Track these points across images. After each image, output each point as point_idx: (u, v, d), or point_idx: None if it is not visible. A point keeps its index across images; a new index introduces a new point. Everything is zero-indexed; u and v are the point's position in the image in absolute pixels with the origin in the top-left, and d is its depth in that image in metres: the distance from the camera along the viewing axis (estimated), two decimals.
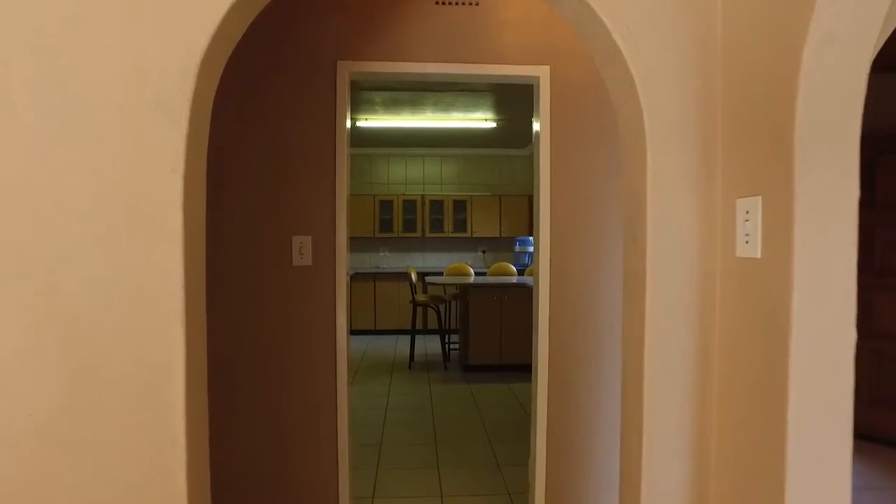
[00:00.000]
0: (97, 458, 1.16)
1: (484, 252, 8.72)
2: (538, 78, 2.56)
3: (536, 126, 2.64)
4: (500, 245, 8.68)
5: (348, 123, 2.53)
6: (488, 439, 3.94)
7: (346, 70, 2.46)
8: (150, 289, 1.17)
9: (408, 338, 7.75)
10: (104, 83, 1.15)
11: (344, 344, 2.49)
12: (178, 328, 1.17)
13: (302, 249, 2.45)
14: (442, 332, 6.32)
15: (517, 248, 8.06)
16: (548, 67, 2.55)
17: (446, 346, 6.37)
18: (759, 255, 1.16)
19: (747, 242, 1.20)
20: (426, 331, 7.87)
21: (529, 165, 8.64)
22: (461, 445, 3.82)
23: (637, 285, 1.36)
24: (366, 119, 6.40)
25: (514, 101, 5.65)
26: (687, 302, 1.32)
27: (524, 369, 5.83)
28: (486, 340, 5.83)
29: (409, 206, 8.32)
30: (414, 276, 6.35)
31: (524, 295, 5.84)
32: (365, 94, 5.40)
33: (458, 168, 8.69)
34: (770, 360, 1.11)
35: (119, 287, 1.16)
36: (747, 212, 1.20)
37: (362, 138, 7.70)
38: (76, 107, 1.14)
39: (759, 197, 1.16)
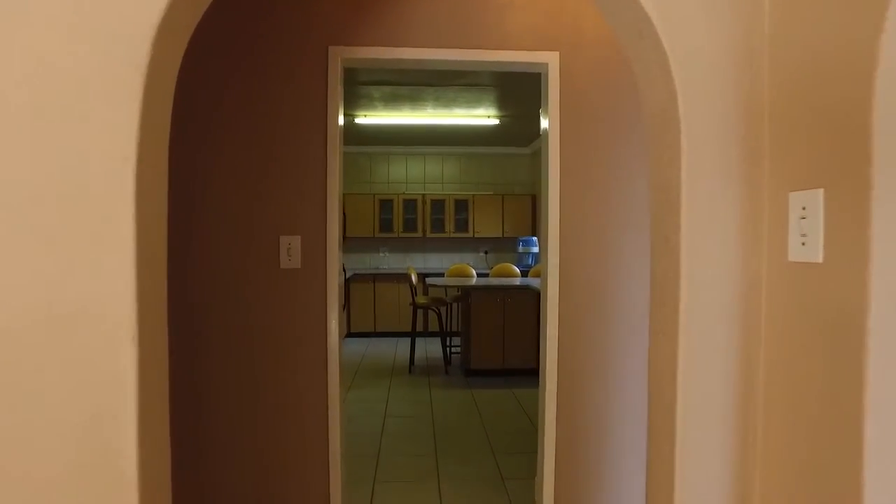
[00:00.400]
0: (32, 499, 0.97)
1: (486, 253, 8.53)
2: (546, 65, 2.37)
3: (544, 120, 2.45)
4: (503, 245, 8.49)
5: (341, 114, 2.35)
6: (491, 450, 3.76)
7: (339, 56, 2.28)
8: (96, 301, 0.98)
9: (408, 340, 7.57)
10: (37, 51, 0.96)
11: (336, 352, 2.31)
12: (128, 348, 0.99)
13: (290, 251, 2.27)
14: (443, 335, 6.14)
15: (520, 249, 7.87)
16: (557, 54, 2.36)
17: (447, 349, 6.19)
18: (819, 259, 0.97)
19: (804, 244, 1.01)
20: (427, 333, 7.69)
21: (533, 164, 8.45)
22: (463, 456, 3.64)
23: (668, 291, 1.17)
24: (364, 115, 6.22)
25: (518, 96, 5.46)
26: (727, 311, 1.13)
27: (528, 374, 5.65)
28: (488, 344, 5.65)
29: (410, 205, 8.14)
30: (414, 278, 6.17)
31: (528, 297, 5.65)
32: (363, 88, 5.21)
33: (460, 166, 8.50)
34: (838, 387, 0.92)
35: (58, 299, 0.97)
36: (804, 208, 1.01)
37: (361, 135, 7.52)
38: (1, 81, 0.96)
39: (821, 190, 0.97)
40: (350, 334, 7.83)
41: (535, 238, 7.84)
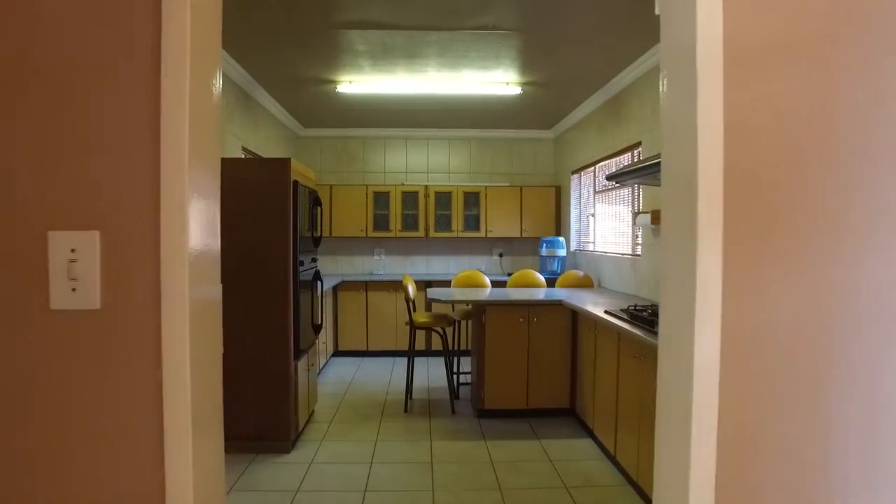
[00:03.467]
0: None
1: (501, 255, 7.19)
2: None
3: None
4: (522, 247, 7.15)
5: None
6: None
7: None
8: None
9: (406, 360, 6.24)
10: None
11: None
12: None
13: (74, 267, 0.94)
14: (448, 359, 4.81)
15: (543, 252, 6.51)
16: None
17: (455, 377, 4.86)
18: None
19: None
20: (429, 353, 6.36)
21: (556, 150, 7.11)
22: None
23: None
24: (349, 81, 4.88)
25: (551, 45, 4.10)
26: None
27: (557, 415, 4.34)
28: (507, 377, 4.33)
29: (410, 199, 6.82)
30: (412, 289, 4.84)
31: (558, 315, 4.34)
32: (343, 37, 3.88)
33: (470, 153, 7.17)
34: None
35: None
36: None
37: (351, 115, 6.19)
38: None
39: None
40: (338, 353, 6.51)
41: (560, 239, 6.48)
